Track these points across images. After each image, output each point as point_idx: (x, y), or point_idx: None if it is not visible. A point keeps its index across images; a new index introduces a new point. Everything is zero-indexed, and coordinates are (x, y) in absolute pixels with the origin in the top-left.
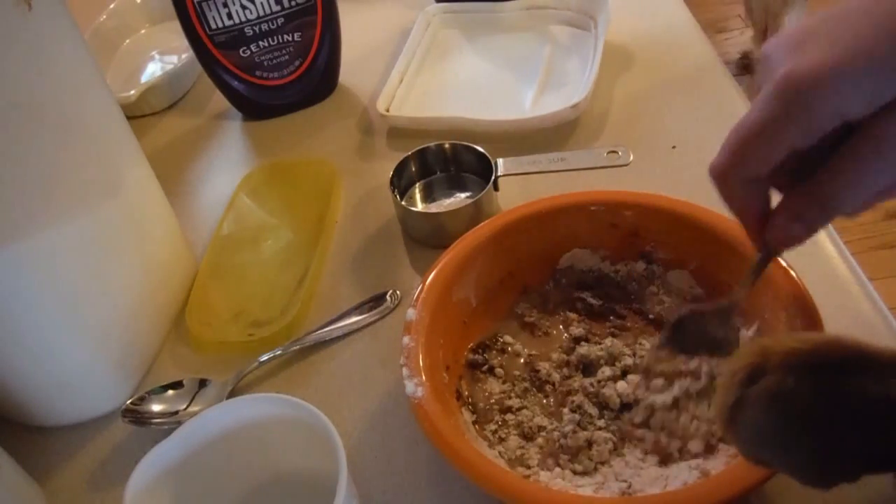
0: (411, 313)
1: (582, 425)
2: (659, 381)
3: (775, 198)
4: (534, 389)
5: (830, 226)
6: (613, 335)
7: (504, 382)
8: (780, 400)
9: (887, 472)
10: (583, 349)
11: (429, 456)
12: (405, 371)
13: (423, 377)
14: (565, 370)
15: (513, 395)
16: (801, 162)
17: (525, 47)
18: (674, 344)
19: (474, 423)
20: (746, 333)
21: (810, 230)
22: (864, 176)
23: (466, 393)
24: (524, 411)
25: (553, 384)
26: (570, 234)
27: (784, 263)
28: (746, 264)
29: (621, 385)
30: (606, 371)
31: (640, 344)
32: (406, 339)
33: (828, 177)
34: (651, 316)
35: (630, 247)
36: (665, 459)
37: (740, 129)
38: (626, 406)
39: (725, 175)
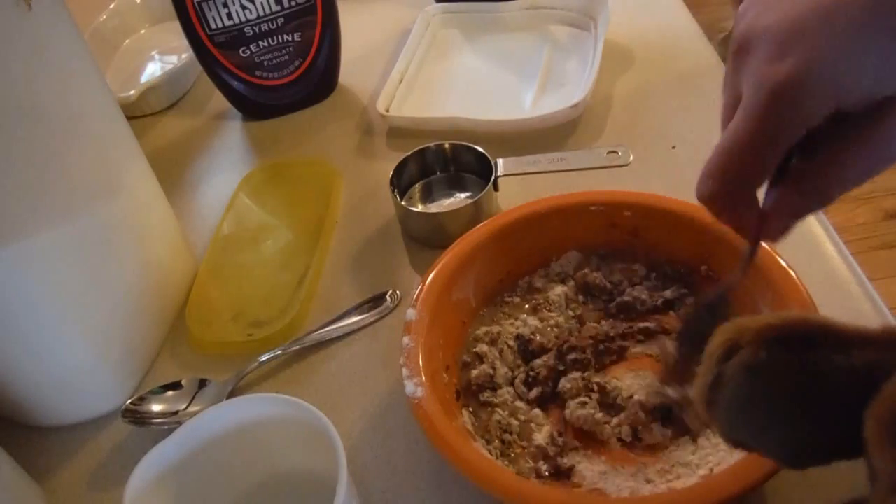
0: (411, 313)
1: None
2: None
3: None
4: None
5: (830, 226)
6: None
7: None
8: (753, 371)
9: (857, 457)
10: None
11: (429, 456)
12: (405, 371)
13: (423, 377)
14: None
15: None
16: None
17: (525, 47)
18: (687, 346)
19: (473, 423)
20: None
21: (802, 220)
22: (859, 167)
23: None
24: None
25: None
26: (569, 235)
27: (784, 263)
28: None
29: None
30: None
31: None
32: (406, 339)
33: (824, 171)
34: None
35: (629, 247)
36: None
37: (732, 147)
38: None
39: (723, 198)
